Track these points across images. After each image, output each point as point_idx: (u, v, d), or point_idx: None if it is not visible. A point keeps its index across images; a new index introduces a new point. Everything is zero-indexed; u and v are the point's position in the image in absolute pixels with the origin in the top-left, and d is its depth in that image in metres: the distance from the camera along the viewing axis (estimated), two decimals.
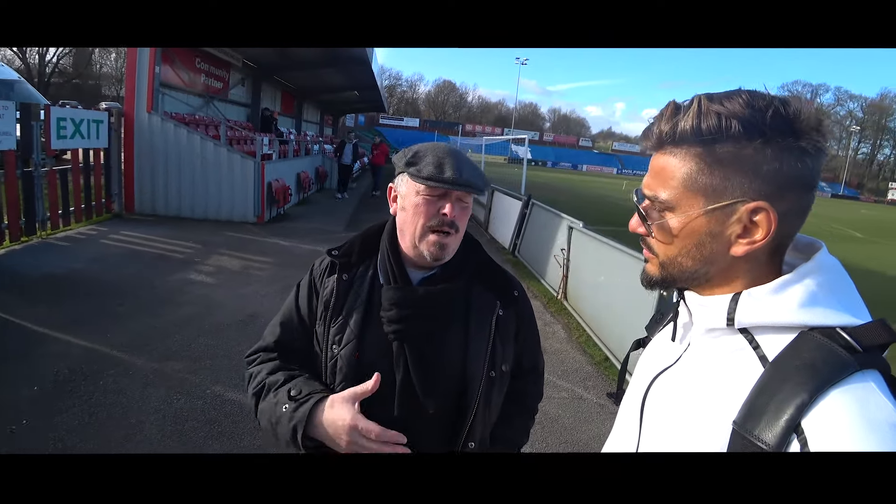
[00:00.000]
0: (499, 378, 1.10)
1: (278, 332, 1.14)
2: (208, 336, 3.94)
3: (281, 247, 7.11)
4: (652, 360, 0.77)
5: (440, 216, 1.02)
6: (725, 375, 0.60)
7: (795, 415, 0.50)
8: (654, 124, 0.64)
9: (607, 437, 0.80)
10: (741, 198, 0.58)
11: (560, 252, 5.80)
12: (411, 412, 1.03)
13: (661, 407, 0.69)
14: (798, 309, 0.57)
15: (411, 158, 1.03)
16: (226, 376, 3.36)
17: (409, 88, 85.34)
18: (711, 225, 0.61)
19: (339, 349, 1.05)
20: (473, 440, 1.08)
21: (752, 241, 0.59)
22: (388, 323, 1.03)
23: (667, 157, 0.63)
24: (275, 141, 11.32)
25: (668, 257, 0.66)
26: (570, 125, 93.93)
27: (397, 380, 1.03)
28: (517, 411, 1.25)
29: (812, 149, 0.56)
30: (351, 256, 1.12)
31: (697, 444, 0.59)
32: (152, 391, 3.08)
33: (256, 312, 4.51)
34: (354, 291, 1.09)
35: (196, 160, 8.27)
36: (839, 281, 0.60)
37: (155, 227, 7.42)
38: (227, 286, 5.16)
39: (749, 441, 0.53)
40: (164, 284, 4.99)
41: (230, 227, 7.96)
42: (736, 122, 0.56)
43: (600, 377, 4.08)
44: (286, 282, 5.46)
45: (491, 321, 1.09)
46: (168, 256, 5.99)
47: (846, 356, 0.52)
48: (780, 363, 0.55)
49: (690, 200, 0.61)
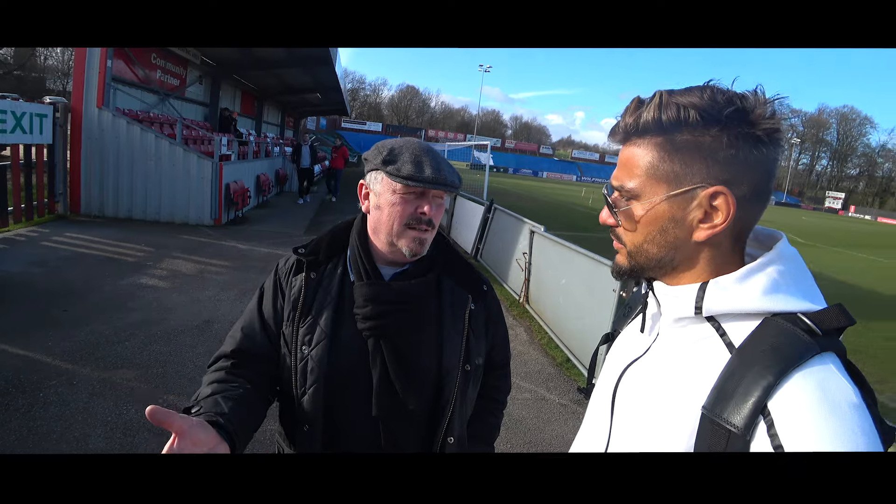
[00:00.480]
0: (473, 372, 1.10)
1: (238, 339, 1.09)
2: (161, 343, 3.76)
3: (239, 250, 6.90)
4: (621, 352, 0.79)
5: (418, 214, 1.01)
6: (694, 363, 0.63)
7: (762, 397, 0.53)
8: (619, 119, 0.67)
9: (571, 436, 0.83)
10: (700, 183, 0.61)
11: (522, 256, 5.88)
12: (390, 410, 1.02)
13: (631, 397, 0.71)
14: (762, 296, 0.60)
15: (388, 157, 1.01)
16: (180, 385, 3.22)
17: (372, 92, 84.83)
18: (674, 210, 0.64)
19: (309, 350, 1.02)
20: (452, 435, 1.08)
21: (713, 226, 0.62)
22: (363, 320, 1.02)
23: (632, 149, 0.66)
24: (234, 141, 10.97)
25: (635, 245, 0.68)
26: (531, 133, 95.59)
27: (374, 378, 1.02)
28: (489, 408, 1.27)
29: (766, 136, 0.59)
30: (318, 254, 1.09)
31: (668, 430, 0.62)
32: (99, 402, 2.91)
33: (212, 318, 4.35)
34: (323, 289, 1.06)
35: (150, 159, 7.92)
36: (798, 270, 0.63)
37: (103, 228, 7.05)
38: (182, 291, 4.96)
39: (718, 424, 0.55)
40: (112, 289, 4.74)
41: (185, 230, 7.66)
42: (694, 111, 0.60)
43: (562, 378, 4.15)
44: (244, 286, 5.30)
45: (464, 315, 1.10)
46: (117, 260, 5.70)
47: (808, 339, 0.55)
48: (746, 349, 0.58)
49: (654, 188, 0.64)
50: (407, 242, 1.02)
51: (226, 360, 1.08)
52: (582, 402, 3.78)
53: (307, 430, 1.03)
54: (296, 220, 9.90)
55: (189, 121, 11.29)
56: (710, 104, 0.59)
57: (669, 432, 0.61)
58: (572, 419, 3.50)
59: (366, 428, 1.04)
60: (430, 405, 1.07)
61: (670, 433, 0.61)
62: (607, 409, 0.75)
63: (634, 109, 0.65)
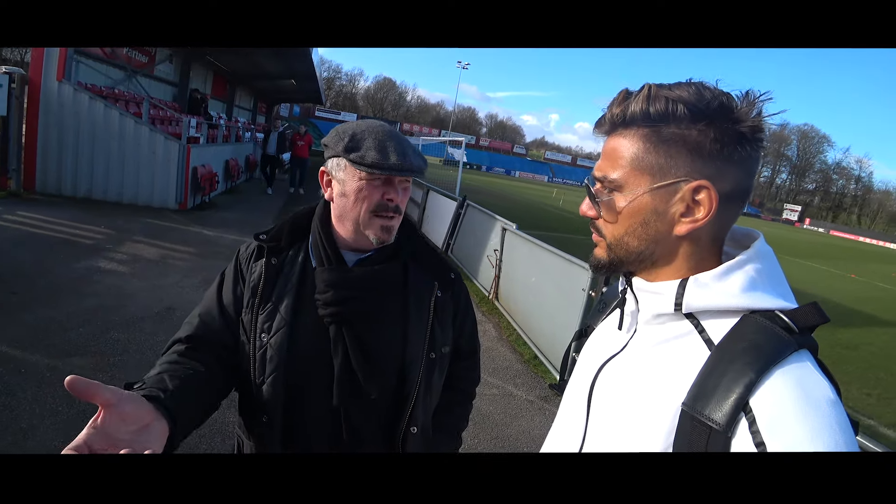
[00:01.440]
0: (439, 360, 1.09)
1: (195, 324, 1.04)
2: (119, 330, 3.61)
3: (204, 236, 6.69)
4: (597, 348, 0.78)
5: (385, 201, 0.99)
6: (673, 360, 0.63)
7: (744, 393, 0.53)
8: (606, 110, 0.67)
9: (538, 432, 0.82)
10: (684, 177, 0.61)
11: (493, 253, 5.90)
12: (351, 399, 1.00)
13: (609, 394, 0.70)
14: (741, 293, 0.60)
15: (350, 143, 0.98)
16: (139, 374, 2.95)
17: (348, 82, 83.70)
18: (656, 203, 0.64)
19: (268, 337, 0.99)
20: (415, 425, 1.06)
21: (694, 220, 0.62)
22: (324, 306, 0.99)
23: (617, 139, 0.66)
24: (203, 124, 10.61)
25: (615, 237, 0.68)
26: (505, 132, 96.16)
27: (336, 365, 0.99)
28: (457, 398, 1.26)
29: (750, 134, 0.60)
30: (280, 240, 1.06)
31: (646, 427, 0.61)
32: (48, 391, 2.76)
33: (174, 305, 4.21)
34: (284, 276, 1.03)
35: (113, 138, 7.56)
36: (774, 268, 0.63)
37: (59, 208, 6.71)
38: (143, 276, 4.77)
39: (698, 421, 0.55)
40: (67, 272, 4.52)
41: (148, 213, 7.37)
42: (682, 105, 0.60)
43: (530, 375, 4.20)
44: (209, 273, 5.14)
45: (430, 303, 1.09)
46: (73, 242, 5.43)
47: (786, 336, 0.56)
48: (726, 345, 0.58)
49: (637, 179, 0.64)
50: (374, 231, 1.00)
51: (180, 344, 1.02)
52: (549, 398, 3.83)
53: (266, 420, 1.00)
54: (265, 208, 9.69)
55: (157, 100, 10.85)
56: (698, 99, 0.60)
57: (648, 429, 0.61)
58: (539, 415, 3.55)
59: (326, 418, 1.02)
60: (393, 394, 1.05)
61: (649, 430, 0.61)
62: (583, 406, 0.74)
63: (622, 100, 0.65)
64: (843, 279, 15.32)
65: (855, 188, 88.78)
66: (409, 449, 1.06)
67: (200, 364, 0.98)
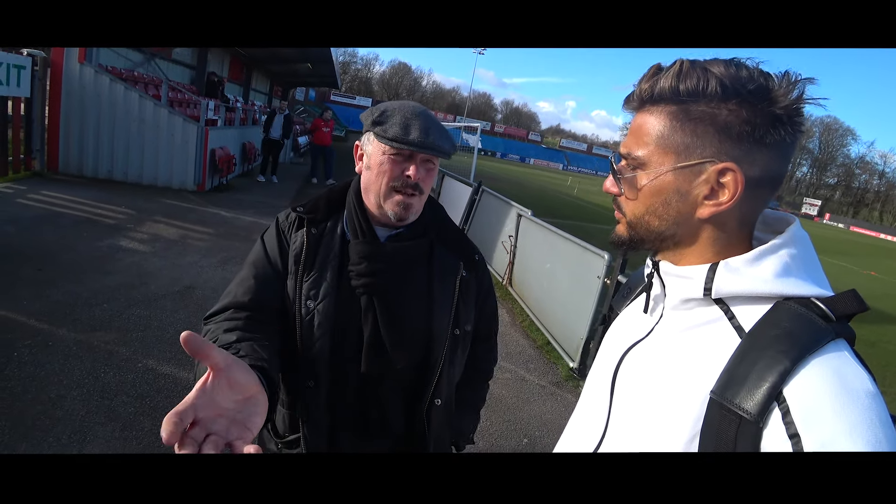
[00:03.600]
0: (462, 337, 1.12)
1: (255, 290, 1.01)
2: (140, 307, 3.70)
3: (222, 217, 6.78)
4: (622, 333, 0.76)
5: (404, 177, 1.01)
6: (701, 346, 0.61)
7: (777, 382, 0.51)
8: (635, 86, 0.65)
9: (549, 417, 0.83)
10: (710, 158, 0.59)
11: (508, 239, 5.89)
12: (379, 368, 1.03)
13: (633, 380, 0.69)
14: (774, 279, 0.58)
15: (378, 117, 1.01)
16: (159, 349, 3.17)
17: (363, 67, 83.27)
18: (679, 183, 0.61)
19: (314, 304, 1.02)
20: (440, 397, 1.09)
21: (717, 203, 0.60)
22: (357, 276, 1.02)
23: (645, 116, 0.64)
24: (221, 107, 10.67)
25: (636, 216, 0.66)
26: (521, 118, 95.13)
27: (365, 334, 1.03)
28: (476, 377, 1.30)
29: (786, 117, 0.57)
30: (317, 213, 1.09)
31: (672, 415, 0.60)
32: (76, 364, 2.85)
33: (194, 284, 4.29)
34: (325, 246, 1.06)
35: (132, 120, 7.65)
36: (810, 254, 0.61)
37: (81, 188, 6.83)
38: (163, 255, 4.86)
39: (728, 409, 0.53)
40: (90, 250, 4.62)
41: (167, 194, 7.47)
42: (715, 81, 0.57)
43: (542, 360, 4.22)
44: (227, 253, 5.23)
45: (455, 282, 1.11)
46: (96, 221, 5.54)
47: (823, 325, 0.54)
48: (758, 332, 0.56)
49: (662, 157, 0.62)
50: (392, 206, 1.02)
51: (240, 310, 0.98)
52: (561, 384, 3.85)
53: (312, 385, 1.03)
54: (282, 191, 9.75)
55: (175, 83, 10.89)
56: (732, 77, 0.57)
57: (674, 417, 0.59)
58: (550, 400, 3.57)
59: (354, 386, 1.05)
60: (419, 366, 1.08)
61: (674, 418, 0.59)
62: (606, 392, 0.73)
63: (652, 76, 0.62)
64: (863, 276, 15.00)
65: (878, 183, 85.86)
66: (434, 421, 1.10)
67: (270, 333, 0.96)
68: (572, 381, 3.92)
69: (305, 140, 12.35)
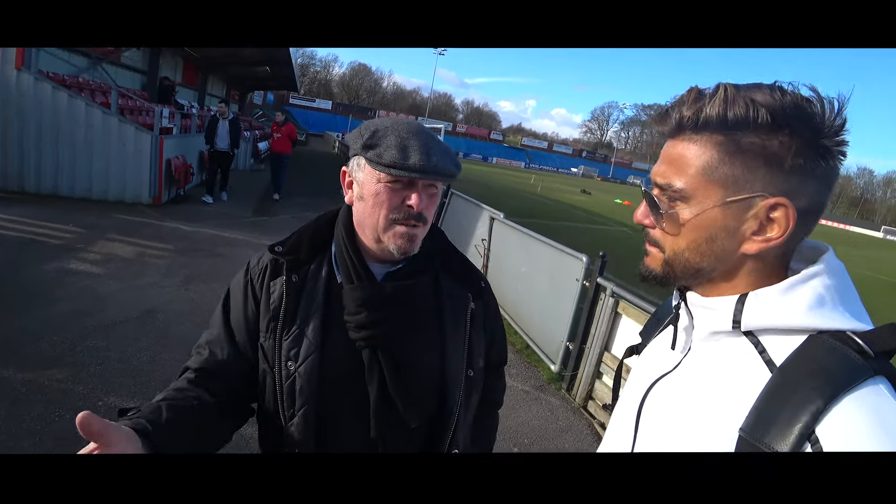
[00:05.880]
0: (477, 376, 1.02)
1: (204, 356, 0.94)
2: (96, 337, 3.42)
3: (182, 232, 6.45)
4: (648, 366, 0.74)
5: (405, 208, 0.88)
6: (730, 381, 0.58)
7: (810, 422, 0.49)
8: (673, 109, 0.60)
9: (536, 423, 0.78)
10: (761, 192, 0.56)
11: (481, 242, 5.85)
12: (390, 427, 0.91)
13: (659, 414, 0.67)
14: (807, 311, 0.55)
15: (369, 140, 0.87)
16: (121, 383, 2.94)
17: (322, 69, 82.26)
18: (727, 219, 0.58)
19: (296, 366, 0.89)
20: (457, 447, 0.99)
21: (767, 239, 0.57)
22: (357, 328, 0.89)
23: (686, 144, 0.60)
24: (176, 114, 10.18)
25: (675, 251, 0.63)
26: (482, 118, 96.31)
27: (371, 395, 0.90)
28: (488, 411, 1.20)
29: (834, 149, 0.55)
30: (299, 253, 0.95)
31: (699, 451, 0.57)
32: (24, 409, 2.58)
33: (155, 307, 4.03)
34: (307, 294, 0.93)
35: (79, 130, 7.18)
36: (845, 285, 0.58)
37: (23, 206, 6.35)
38: (118, 277, 4.55)
39: (758, 449, 0.51)
40: (35, 276, 4.27)
41: (120, 209, 7.04)
42: (765, 111, 0.54)
43: (523, 365, 4.20)
44: (189, 271, 4.97)
45: (466, 316, 1.00)
46: (41, 242, 5.15)
47: (860, 361, 0.51)
48: (790, 368, 0.54)
49: (707, 191, 0.59)
50: (394, 239, 0.89)
51: (190, 372, 0.94)
52: (545, 388, 3.85)
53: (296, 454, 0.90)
54: (244, 201, 9.38)
55: (125, 89, 10.35)
56: (780, 105, 0.54)
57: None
58: (536, 405, 3.56)
59: (361, 449, 0.93)
60: (433, 419, 0.97)
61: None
62: (631, 426, 0.71)
63: (694, 101, 0.58)
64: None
65: None
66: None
67: (209, 395, 0.89)
68: (555, 385, 3.90)
69: (266, 145, 11.54)
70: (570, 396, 3.77)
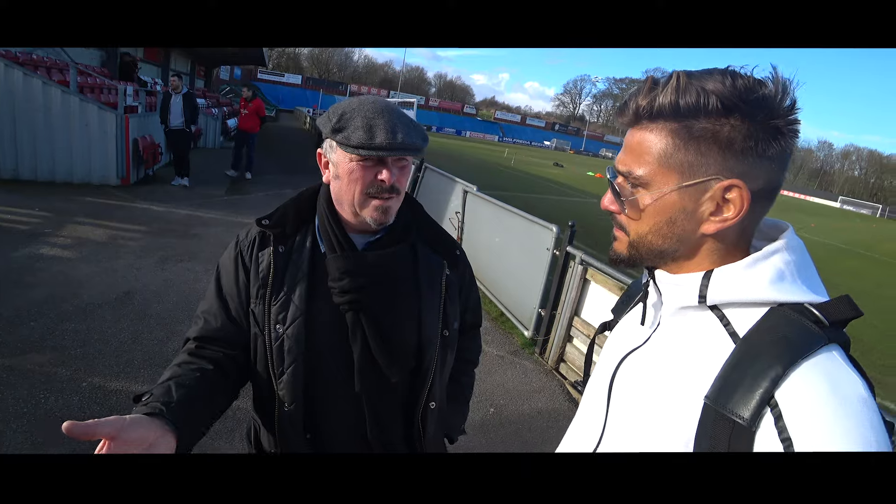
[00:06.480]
0: (451, 337, 1.11)
1: (200, 324, 1.03)
2: (74, 320, 3.42)
3: (154, 213, 6.34)
4: (619, 341, 0.77)
5: (378, 183, 0.96)
6: (696, 352, 0.61)
7: (770, 387, 0.52)
8: (630, 100, 0.63)
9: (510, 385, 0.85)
10: (715, 175, 0.58)
11: (455, 215, 5.92)
12: (372, 385, 1.01)
13: (629, 386, 0.69)
14: (769, 285, 0.58)
15: (337, 123, 0.94)
16: (104, 364, 2.97)
17: None
18: (684, 202, 0.61)
19: (283, 328, 0.98)
20: (433, 400, 1.09)
21: (723, 220, 0.60)
22: (340, 294, 0.98)
23: (643, 133, 0.62)
24: (140, 91, 9.79)
25: (639, 235, 0.66)
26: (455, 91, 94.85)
27: (355, 354, 0.99)
28: (463, 369, 1.29)
29: (786, 129, 0.57)
30: (285, 226, 1.03)
31: (667, 421, 0.61)
32: (9, 393, 2.59)
33: (133, 289, 4.02)
34: (294, 263, 1.01)
35: (37, 110, 6.86)
36: (804, 260, 0.61)
37: None
38: (92, 260, 4.50)
39: (721, 415, 0.54)
40: (5, 262, 4.19)
41: (87, 191, 6.86)
42: (715, 98, 0.56)
43: (499, 332, 4.36)
44: (164, 252, 4.93)
45: (441, 282, 1.09)
46: (6, 228, 5.02)
47: (816, 330, 0.54)
48: (752, 338, 0.57)
49: (665, 177, 0.61)
50: (370, 212, 0.97)
51: (190, 343, 1.03)
52: (519, 352, 4.02)
53: (287, 410, 1.00)
54: (216, 179, 9.20)
55: (83, 66, 9.88)
56: (731, 90, 0.56)
57: (669, 422, 0.60)
58: (510, 369, 3.72)
59: (347, 404, 1.03)
60: (412, 375, 1.07)
61: (670, 423, 0.60)
62: (603, 398, 0.74)
63: (649, 91, 0.60)
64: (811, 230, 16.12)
65: None
66: (429, 423, 1.10)
67: (209, 362, 0.98)
68: (528, 349, 4.08)
69: (236, 122, 10.98)
70: (543, 360, 3.96)
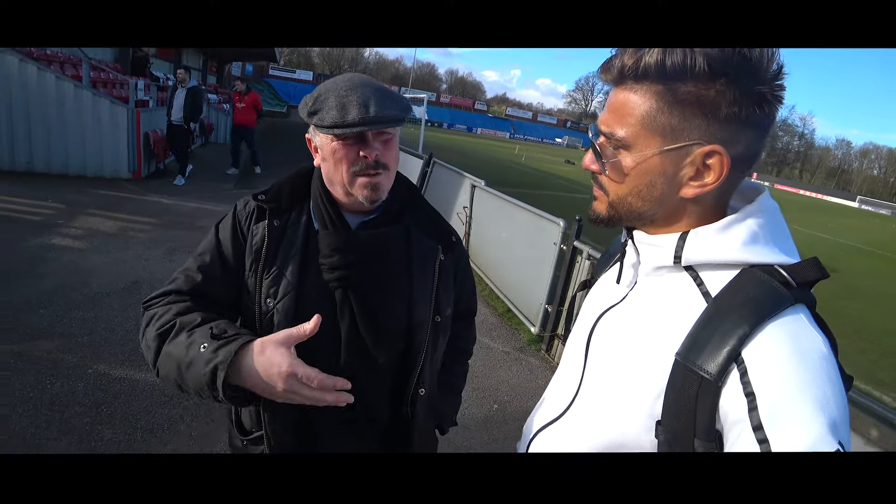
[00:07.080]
0: (443, 323, 1.10)
1: (197, 279, 0.99)
2: (83, 308, 3.46)
3: (164, 205, 6.40)
4: (597, 299, 0.79)
5: (362, 160, 0.94)
6: (670, 311, 0.63)
7: (737, 345, 0.54)
8: (616, 57, 0.62)
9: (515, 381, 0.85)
10: (697, 140, 0.58)
11: (462, 210, 5.91)
12: (359, 364, 1.00)
13: (605, 343, 0.72)
14: (741, 247, 0.60)
15: (312, 107, 0.93)
16: (110, 352, 3.00)
17: None
18: (665, 166, 0.61)
19: (274, 302, 0.97)
20: (423, 386, 1.08)
21: (703, 185, 0.60)
22: (330, 270, 0.97)
23: (627, 94, 0.62)
24: (151, 86, 9.86)
25: (619, 196, 0.66)
26: (466, 88, 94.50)
27: (342, 331, 0.98)
28: (457, 357, 1.28)
29: (771, 95, 0.57)
30: (280, 201, 1.02)
31: (639, 376, 0.62)
32: (16, 378, 2.63)
33: (140, 279, 4.06)
34: (288, 238, 1.00)
35: (50, 104, 6.94)
36: (777, 223, 0.63)
37: None
38: (102, 251, 4.55)
39: (690, 371, 0.56)
40: (16, 252, 4.24)
41: (99, 184, 6.94)
42: (702, 59, 0.55)
43: (505, 328, 4.33)
44: (173, 243, 4.98)
45: (434, 267, 1.08)
46: (18, 219, 5.08)
47: (783, 291, 0.56)
48: (723, 298, 0.58)
49: (647, 140, 0.61)
50: (360, 190, 0.96)
51: (180, 295, 0.97)
52: (525, 349, 3.98)
53: None
54: (224, 174, 9.26)
55: (96, 61, 9.98)
56: (718, 54, 0.55)
57: (641, 377, 0.62)
58: (516, 366, 3.68)
59: None
60: (401, 357, 1.05)
61: (642, 378, 0.62)
62: (581, 355, 0.76)
63: (636, 50, 0.59)
64: (829, 230, 15.96)
65: (798, 144, 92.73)
66: (418, 410, 1.08)
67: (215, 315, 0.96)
68: (535, 346, 4.05)
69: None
70: (549, 357, 3.93)
